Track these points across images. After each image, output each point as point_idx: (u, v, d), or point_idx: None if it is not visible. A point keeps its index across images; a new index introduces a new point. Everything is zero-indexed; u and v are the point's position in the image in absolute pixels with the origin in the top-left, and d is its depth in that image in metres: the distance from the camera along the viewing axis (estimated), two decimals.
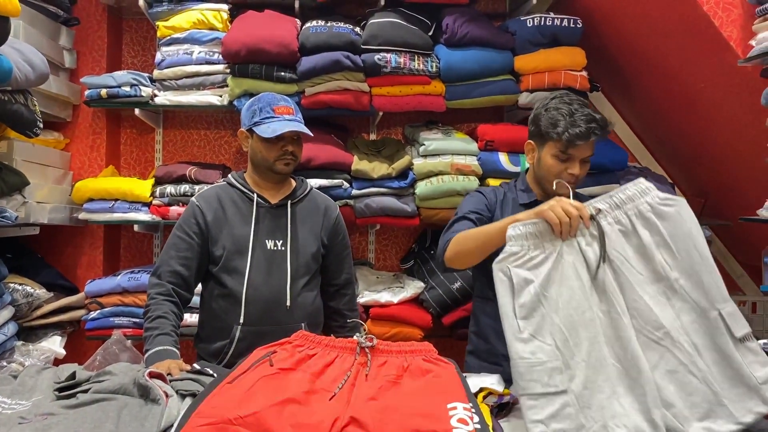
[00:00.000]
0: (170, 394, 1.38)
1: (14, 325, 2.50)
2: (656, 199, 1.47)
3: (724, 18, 2.22)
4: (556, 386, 1.35)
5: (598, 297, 1.44)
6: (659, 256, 1.44)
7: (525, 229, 1.47)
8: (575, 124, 1.84)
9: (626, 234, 1.47)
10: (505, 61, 2.86)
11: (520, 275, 1.44)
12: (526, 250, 1.46)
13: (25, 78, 2.26)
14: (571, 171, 1.88)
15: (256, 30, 2.78)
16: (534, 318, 1.41)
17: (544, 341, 1.39)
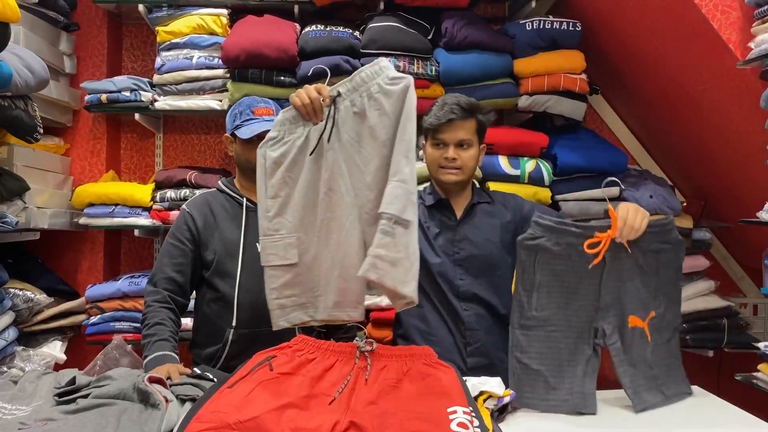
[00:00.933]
0: (170, 399, 1.38)
1: (15, 330, 2.50)
2: (386, 79, 1.53)
3: (723, 20, 2.22)
4: (290, 259, 1.56)
5: (330, 176, 1.56)
6: (383, 135, 1.52)
7: (283, 115, 1.59)
8: (441, 110, 1.96)
9: (360, 116, 1.55)
10: (504, 65, 2.86)
11: (272, 157, 1.57)
12: (282, 134, 1.58)
13: (25, 83, 2.26)
14: (445, 155, 1.97)
15: (255, 35, 2.79)
16: (280, 197, 1.58)
17: (286, 218, 1.57)
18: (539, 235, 1.67)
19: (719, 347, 2.93)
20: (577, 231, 1.67)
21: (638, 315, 1.71)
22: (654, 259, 1.72)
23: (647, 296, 1.73)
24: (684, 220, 2.92)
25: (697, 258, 2.97)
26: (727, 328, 2.90)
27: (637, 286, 1.71)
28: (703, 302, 2.93)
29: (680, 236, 1.76)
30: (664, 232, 1.72)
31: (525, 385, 1.67)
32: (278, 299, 1.59)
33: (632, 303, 1.71)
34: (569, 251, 1.67)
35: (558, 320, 1.69)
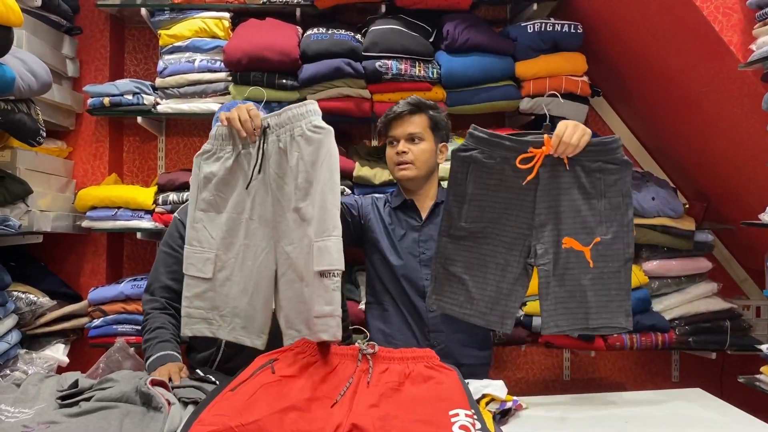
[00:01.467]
0: (172, 402, 1.38)
1: (18, 333, 2.51)
2: (309, 125, 1.57)
3: (725, 23, 2.23)
4: (205, 273, 1.63)
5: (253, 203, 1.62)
6: (299, 180, 1.57)
7: (218, 130, 1.64)
8: (390, 109, 2.05)
9: (284, 152, 1.59)
10: (506, 67, 2.87)
11: (205, 171, 1.63)
12: (215, 149, 1.64)
13: (28, 87, 2.27)
14: (396, 149, 2.02)
15: (257, 38, 2.79)
16: (209, 212, 1.64)
17: (209, 233, 1.63)
18: (472, 147, 1.67)
19: (722, 349, 2.93)
20: (510, 144, 1.65)
21: (577, 238, 1.66)
22: (599, 180, 1.66)
23: (592, 220, 1.67)
24: (686, 222, 2.92)
25: (700, 260, 2.97)
26: (729, 330, 2.89)
27: (578, 208, 1.66)
28: (706, 304, 2.93)
29: (626, 158, 1.68)
30: (607, 150, 1.66)
31: (446, 290, 1.72)
32: (188, 308, 1.66)
33: (569, 224, 1.66)
34: (503, 165, 1.65)
35: (488, 234, 1.69)
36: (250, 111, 1.60)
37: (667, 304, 2.92)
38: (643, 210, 2.86)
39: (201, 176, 1.64)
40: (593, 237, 1.66)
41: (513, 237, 1.68)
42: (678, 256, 2.95)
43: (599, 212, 1.67)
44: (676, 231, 2.88)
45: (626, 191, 1.68)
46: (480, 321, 1.69)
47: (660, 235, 2.89)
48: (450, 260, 1.71)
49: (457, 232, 1.70)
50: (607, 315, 1.67)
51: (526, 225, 1.67)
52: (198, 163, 1.65)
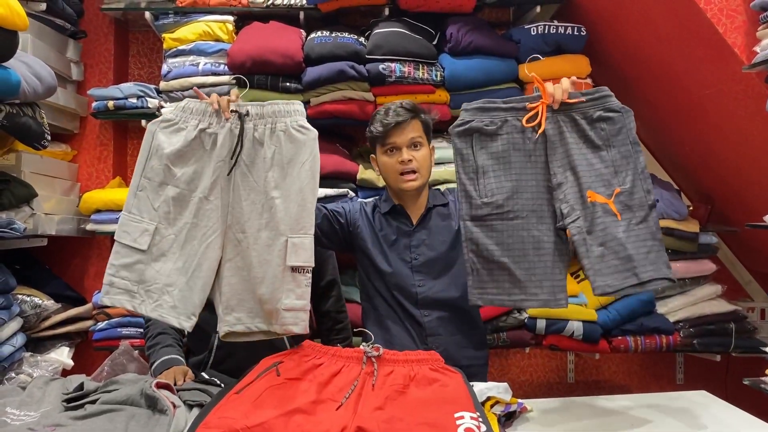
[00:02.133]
0: (178, 405, 1.39)
1: (23, 336, 2.51)
2: (294, 123, 1.60)
3: (728, 25, 2.23)
4: (140, 245, 1.57)
5: (211, 185, 1.59)
6: (271, 173, 1.59)
7: (187, 103, 1.64)
8: (386, 116, 1.97)
9: (257, 143, 1.61)
10: (509, 70, 2.87)
11: (161, 138, 1.60)
12: (178, 120, 1.62)
13: (33, 91, 2.27)
14: (400, 159, 1.96)
15: (261, 41, 2.80)
16: (154, 181, 1.60)
17: (152, 204, 1.59)
18: (469, 119, 1.64)
19: (726, 352, 2.92)
20: (507, 106, 1.63)
21: (598, 191, 1.61)
22: (603, 131, 1.63)
23: (606, 172, 1.62)
24: (690, 224, 2.91)
25: (704, 262, 2.97)
26: (734, 332, 2.89)
27: (591, 161, 1.62)
28: (710, 306, 2.92)
29: (624, 106, 1.65)
30: (599, 98, 1.63)
31: (487, 280, 1.62)
32: (112, 276, 1.58)
33: (588, 177, 1.61)
34: (506, 129, 1.63)
35: (514, 205, 1.61)
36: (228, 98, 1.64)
37: (671, 306, 2.92)
38: None
39: (154, 143, 1.60)
40: (613, 188, 1.61)
41: (538, 203, 1.61)
42: (682, 258, 2.94)
43: (612, 163, 1.62)
44: (680, 233, 2.87)
45: (633, 138, 1.64)
46: (534, 303, 1.59)
47: (664, 237, 2.87)
48: (482, 245, 1.61)
49: (479, 211, 1.62)
50: (651, 266, 1.58)
51: (545, 188, 1.61)
52: (153, 129, 1.62)
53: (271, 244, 1.57)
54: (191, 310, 1.57)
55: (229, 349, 1.91)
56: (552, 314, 2.77)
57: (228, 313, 1.59)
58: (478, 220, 1.63)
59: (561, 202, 1.60)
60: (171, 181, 1.60)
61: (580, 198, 1.60)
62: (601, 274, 1.55)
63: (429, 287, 1.98)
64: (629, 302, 2.83)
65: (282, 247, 1.56)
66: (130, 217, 1.59)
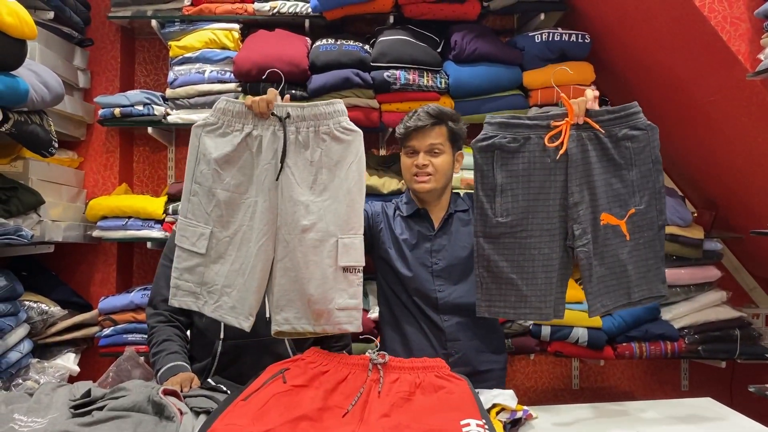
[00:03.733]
0: (184, 412, 1.39)
1: (29, 342, 2.52)
2: (338, 126, 1.60)
3: (732, 32, 2.23)
4: (198, 248, 1.60)
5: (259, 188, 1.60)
6: (319, 175, 1.60)
7: (225, 104, 1.62)
8: (410, 119, 1.99)
9: (301, 145, 1.61)
10: (513, 77, 2.88)
11: (207, 143, 1.61)
12: (222, 124, 1.62)
13: (41, 99, 2.29)
14: (416, 162, 1.98)
15: (267, 49, 2.81)
16: (204, 185, 1.61)
17: (205, 209, 1.61)
18: (492, 134, 1.61)
19: (731, 358, 2.91)
20: (532, 123, 1.60)
21: (613, 212, 1.62)
22: (627, 149, 1.62)
23: (625, 192, 1.63)
24: (695, 230, 2.91)
25: (709, 269, 2.97)
26: (739, 338, 2.88)
27: (610, 181, 1.62)
28: (715, 313, 2.92)
29: (650, 122, 1.65)
30: (628, 115, 1.63)
31: (495, 294, 1.64)
32: (177, 279, 1.63)
33: (604, 199, 1.61)
34: (529, 147, 1.60)
35: (528, 224, 1.61)
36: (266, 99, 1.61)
37: (676, 312, 2.91)
38: None
39: (201, 148, 1.62)
40: (628, 209, 1.62)
41: (552, 222, 1.61)
42: (687, 264, 2.94)
43: (631, 183, 1.62)
44: (685, 240, 2.87)
45: (655, 157, 1.63)
46: (536, 317, 1.64)
47: (669, 244, 2.88)
48: (493, 262, 1.63)
49: (493, 229, 1.62)
50: (646, 285, 1.64)
51: (561, 206, 1.60)
52: (198, 134, 1.62)
53: (319, 245, 1.58)
54: (248, 310, 1.60)
55: (233, 356, 1.91)
56: (557, 321, 2.77)
57: (277, 313, 1.61)
58: (491, 237, 1.63)
59: (574, 222, 1.60)
60: (221, 186, 1.61)
61: (594, 220, 1.60)
62: (597, 295, 1.60)
63: (449, 292, 1.97)
64: (634, 309, 2.82)
65: (332, 248, 1.58)
66: (186, 222, 1.62)
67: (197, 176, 1.62)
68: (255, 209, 1.61)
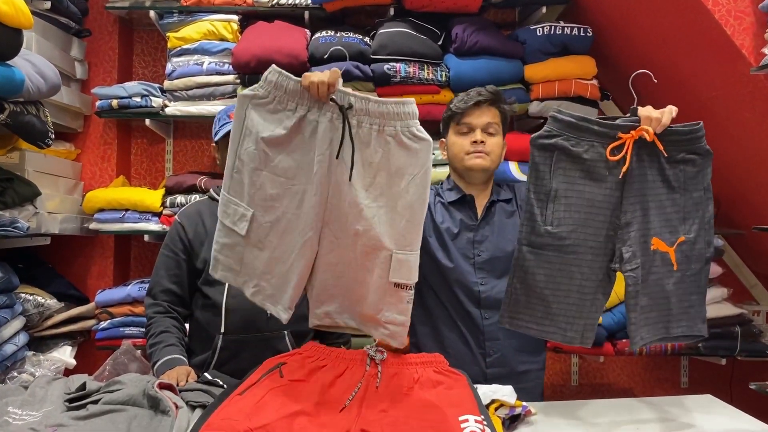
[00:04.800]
0: (180, 406, 1.38)
1: (25, 335, 2.51)
2: (406, 130, 1.42)
3: (736, 26, 2.21)
4: (238, 229, 1.50)
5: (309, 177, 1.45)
6: (378, 178, 1.45)
7: (278, 77, 1.43)
8: (466, 95, 1.92)
9: (362, 142, 1.45)
10: (514, 70, 2.86)
11: (253, 119, 1.46)
12: (272, 98, 1.45)
13: (37, 89, 2.27)
14: (474, 139, 1.88)
15: (266, 41, 2.79)
16: (249, 164, 1.47)
17: (248, 190, 1.49)
18: (556, 133, 1.47)
19: (732, 355, 2.90)
20: (600, 129, 1.45)
21: (663, 238, 1.50)
22: (681, 172, 1.52)
23: (676, 217, 1.51)
24: None
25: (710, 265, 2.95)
26: (740, 335, 2.87)
27: (663, 203, 1.50)
28: (716, 310, 2.90)
29: (708, 147, 1.55)
30: (693, 138, 1.52)
31: (522, 307, 1.53)
32: (218, 253, 1.54)
33: (657, 222, 1.49)
34: (591, 155, 1.46)
35: (576, 239, 1.47)
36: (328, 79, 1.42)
37: None
38: None
39: (247, 122, 1.46)
40: (677, 236, 1.50)
41: (598, 240, 1.48)
42: None
43: (682, 208, 1.52)
44: None
45: (707, 184, 1.55)
46: (559, 337, 1.52)
47: None
48: (530, 275, 1.50)
49: (539, 239, 1.48)
50: (687, 322, 1.53)
51: (611, 224, 1.48)
52: (245, 104, 1.45)
53: (370, 253, 1.46)
54: (287, 302, 1.51)
55: (234, 351, 1.90)
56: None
57: (317, 306, 1.53)
58: (536, 247, 1.51)
59: (623, 243, 1.48)
60: (267, 168, 1.47)
61: (644, 243, 1.49)
62: (640, 326, 1.49)
63: (492, 286, 1.88)
64: None
65: (385, 260, 1.45)
66: (228, 198, 1.51)
67: (241, 153, 1.47)
68: (303, 198, 1.47)
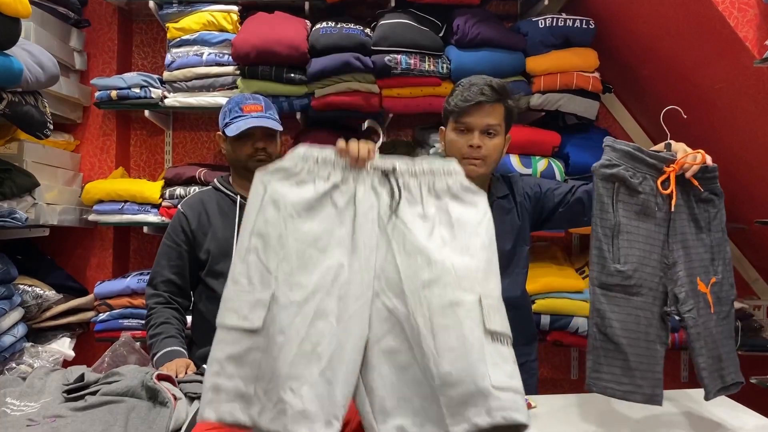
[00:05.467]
0: (179, 397, 1.37)
1: (24, 326, 2.51)
2: (458, 184, 1.28)
3: (740, 18, 2.19)
4: (251, 322, 1.12)
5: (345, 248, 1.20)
6: (437, 230, 1.24)
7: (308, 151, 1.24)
8: (468, 91, 1.77)
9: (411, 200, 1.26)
10: (516, 63, 2.84)
11: (277, 189, 1.22)
12: (300, 170, 1.23)
13: (35, 79, 2.26)
14: (470, 142, 1.77)
15: (266, 31, 2.77)
16: (271, 235, 1.18)
17: (267, 265, 1.16)
18: (617, 163, 1.39)
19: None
20: (651, 161, 1.40)
21: (702, 278, 1.44)
22: (706, 212, 1.48)
23: (707, 257, 1.47)
24: None
25: None
26: (740, 330, 2.86)
27: (696, 243, 1.45)
28: None
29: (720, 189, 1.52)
30: (712, 178, 1.50)
31: (603, 364, 1.39)
32: (216, 377, 1.10)
33: (696, 261, 1.43)
34: (644, 188, 1.40)
35: (639, 278, 1.38)
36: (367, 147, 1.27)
37: None
38: None
39: (268, 194, 1.22)
40: (710, 276, 1.45)
41: (655, 281, 1.39)
42: None
43: (710, 248, 1.47)
44: None
45: (724, 226, 1.50)
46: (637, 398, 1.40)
47: None
48: (607, 320, 1.36)
49: (610, 278, 1.36)
50: (733, 369, 1.47)
51: (660, 263, 1.40)
52: (266, 180, 1.23)
53: (453, 302, 1.16)
54: (331, 412, 1.09)
55: None
56: (557, 310, 2.75)
57: (383, 421, 1.12)
58: (607, 288, 1.38)
59: (674, 284, 1.41)
60: (295, 234, 1.20)
61: (691, 284, 1.42)
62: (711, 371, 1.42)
63: None
64: None
65: (473, 307, 1.16)
66: (237, 289, 1.17)
67: (260, 226, 1.20)
68: (338, 274, 1.18)
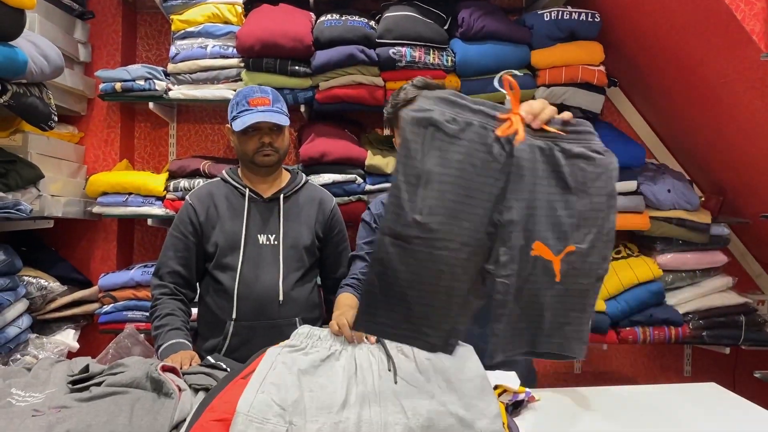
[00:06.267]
0: (183, 388, 1.38)
1: (28, 317, 2.52)
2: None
3: (747, 11, 2.18)
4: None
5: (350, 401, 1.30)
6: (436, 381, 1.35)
7: (309, 330, 1.48)
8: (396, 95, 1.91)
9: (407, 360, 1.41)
10: (521, 56, 2.83)
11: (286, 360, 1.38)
12: (304, 345, 1.45)
13: (40, 71, 2.26)
14: None
15: (270, 24, 2.77)
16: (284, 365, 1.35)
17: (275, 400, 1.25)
18: (428, 108, 1.22)
19: (736, 344, 2.89)
20: (475, 107, 1.22)
21: (548, 243, 1.26)
22: (581, 171, 1.28)
23: (568, 222, 1.27)
24: (702, 215, 2.88)
25: (715, 254, 2.94)
26: (744, 325, 2.86)
27: (554, 204, 1.27)
28: (721, 299, 2.90)
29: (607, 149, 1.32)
30: (581, 133, 1.29)
31: (380, 308, 1.28)
32: None
33: (544, 225, 1.26)
34: (468, 136, 1.22)
35: (448, 233, 1.22)
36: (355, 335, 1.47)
37: (681, 297, 2.90)
38: (659, 202, 2.83)
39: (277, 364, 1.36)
40: (566, 244, 1.27)
41: (475, 237, 1.24)
42: (693, 249, 2.92)
43: (578, 213, 1.28)
44: (692, 224, 2.85)
45: (611, 190, 1.30)
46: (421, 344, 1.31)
47: (675, 228, 2.86)
48: (391, 270, 1.24)
49: (406, 230, 1.21)
50: (558, 340, 1.31)
51: (490, 221, 1.24)
52: (276, 351, 1.40)
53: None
54: None
55: (245, 337, 1.90)
56: None
57: None
58: (400, 239, 1.23)
59: (502, 245, 1.24)
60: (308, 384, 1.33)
61: (524, 247, 1.26)
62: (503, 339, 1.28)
63: None
64: (639, 293, 2.82)
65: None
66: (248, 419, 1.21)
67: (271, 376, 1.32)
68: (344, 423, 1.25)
